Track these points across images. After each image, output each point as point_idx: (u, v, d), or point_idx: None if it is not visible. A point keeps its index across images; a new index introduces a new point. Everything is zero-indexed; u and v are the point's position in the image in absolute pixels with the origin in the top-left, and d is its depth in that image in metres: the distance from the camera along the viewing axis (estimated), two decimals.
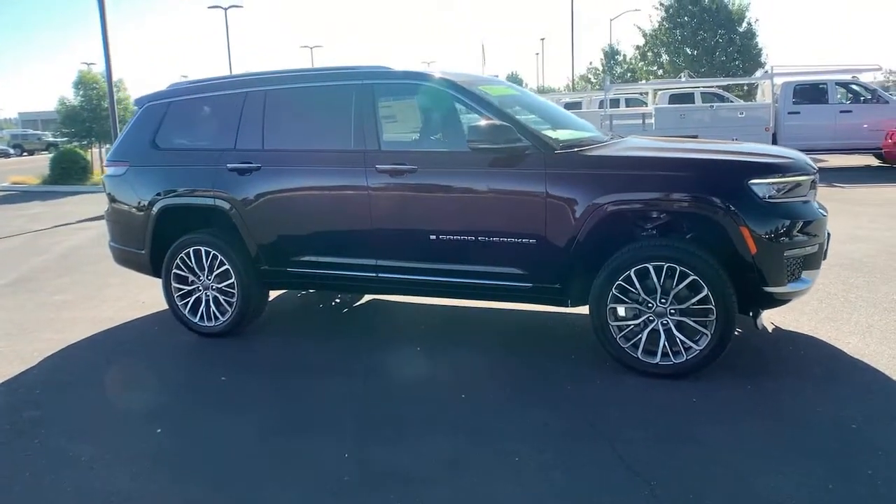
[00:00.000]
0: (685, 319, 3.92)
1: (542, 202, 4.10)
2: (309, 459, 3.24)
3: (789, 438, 3.26)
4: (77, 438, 3.55)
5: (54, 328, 5.55)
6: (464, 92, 4.48)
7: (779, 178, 3.87)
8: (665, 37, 36.51)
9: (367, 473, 3.09)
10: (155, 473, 3.18)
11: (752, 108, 17.61)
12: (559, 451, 3.23)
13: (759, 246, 3.76)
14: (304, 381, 4.22)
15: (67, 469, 3.24)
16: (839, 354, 4.31)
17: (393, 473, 3.08)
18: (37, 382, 4.38)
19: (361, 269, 4.66)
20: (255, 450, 3.36)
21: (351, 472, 3.10)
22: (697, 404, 3.68)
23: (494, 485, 2.96)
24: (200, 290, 5.06)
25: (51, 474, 3.20)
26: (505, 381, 4.10)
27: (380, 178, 4.46)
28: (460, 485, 2.97)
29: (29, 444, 3.50)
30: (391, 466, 3.14)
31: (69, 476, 3.17)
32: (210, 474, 3.16)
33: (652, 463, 3.07)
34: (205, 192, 4.97)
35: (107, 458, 3.33)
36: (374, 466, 3.15)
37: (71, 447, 3.45)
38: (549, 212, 4.09)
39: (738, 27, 36.04)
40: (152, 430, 3.61)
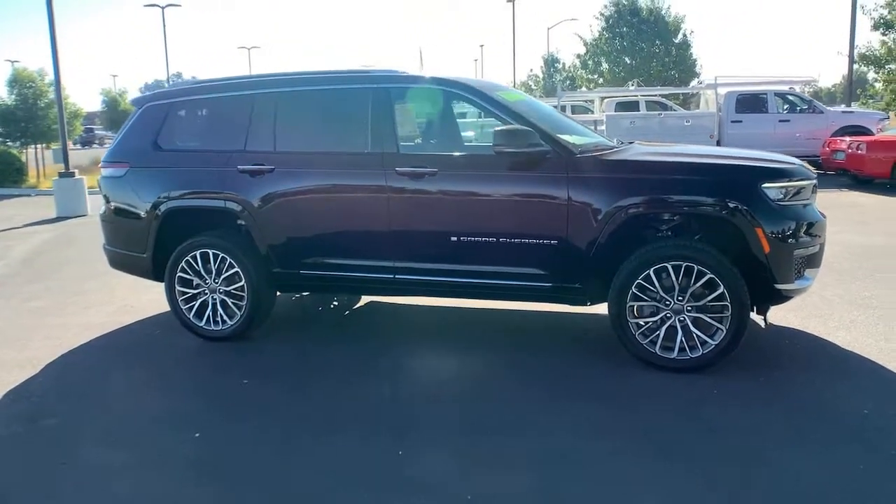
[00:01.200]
0: (702, 316, 4.12)
1: (564, 204, 4.24)
2: (361, 460, 3.26)
3: (814, 426, 3.49)
4: (112, 446, 3.47)
5: (43, 335, 5.35)
6: (483, 97, 4.58)
7: (787, 183, 4.12)
8: (605, 46, 37.49)
9: (431, 472, 3.14)
10: (205, 478, 3.14)
11: (697, 116, 18.34)
12: (611, 444, 3.36)
13: (772, 245, 4.00)
14: (329, 383, 4.22)
15: (113, 476, 3.16)
16: (832, 347, 4.61)
17: (456, 471, 3.14)
18: (46, 390, 4.23)
19: (379, 271, 4.69)
20: (300, 452, 3.36)
21: (412, 472, 3.14)
22: (718, 396, 3.88)
23: (567, 479, 3.05)
24: (207, 293, 4.98)
25: (97, 482, 3.12)
26: (530, 380, 4.20)
27: (400, 180, 4.50)
28: (527, 484, 3.05)
29: (60, 454, 3.39)
30: (457, 464, 3.20)
31: (118, 484, 3.10)
32: (260, 478, 3.13)
33: (696, 452, 3.24)
34: (214, 193, 4.90)
35: (152, 464, 3.27)
36: (434, 466, 3.20)
37: (108, 455, 3.37)
38: (571, 214, 4.23)
39: (675, 38, 37.36)
40: (188, 435, 3.55)
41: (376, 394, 4.05)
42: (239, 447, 3.42)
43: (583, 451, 3.27)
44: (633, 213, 4.15)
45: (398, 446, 3.35)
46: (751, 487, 2.92)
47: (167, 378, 4.45)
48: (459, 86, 4.65)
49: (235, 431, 3.59)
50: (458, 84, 4.65)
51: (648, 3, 36.69)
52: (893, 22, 19.72)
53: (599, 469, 3.11)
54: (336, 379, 4.28)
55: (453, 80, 4.69)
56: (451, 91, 4.68)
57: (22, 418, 3.81)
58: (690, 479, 3.00)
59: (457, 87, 4.65)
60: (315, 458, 3.29)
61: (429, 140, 5.11)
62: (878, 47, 20.50)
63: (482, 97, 4.59)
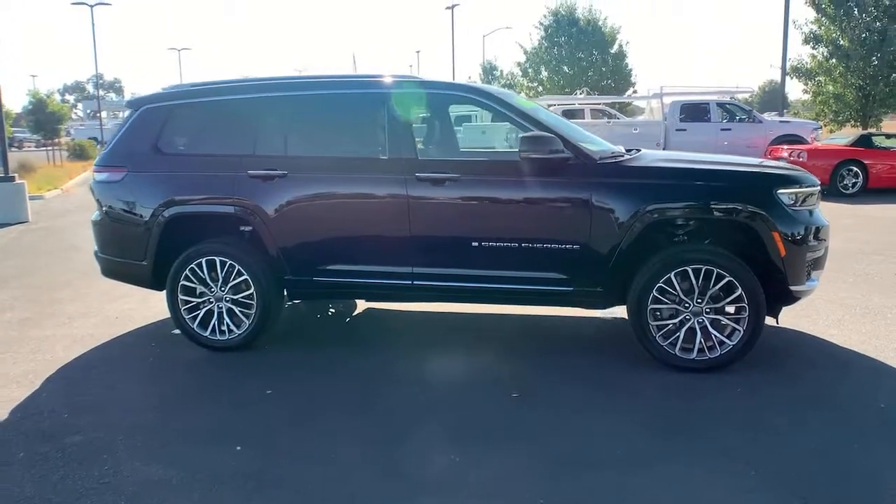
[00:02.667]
0: (720, 318, 4.27)
1: (587, 209, 4.32)
2: (421, 467, 3.24)
3: (843, 420, 3.67)
4: (151, 461, 3.32)
5: (30, 348, 5.07)
6: (502, 103, 4.62)
7: (798, 189, 4.33)
8: (545, 55, 38.24)
9: (496, 477, 3.14)
10: (264, 491, 3.05)
11: (645, 124, 18.97)
12: (655, 441, 3.44)
13: (788, 248, 4.19)
14: (357, 390, 4.17)
15: (164, 492, 3.04)
16: (829, 345, 4.86)
17: (522, 474, 3.16)
18: (56, 406, 4.00)
19: (396, 277, 4.66)
20: (352, 460, 3.30)
21: (476, 477, 3.14)
22: (743, 394, 4.03)
23: (624, 476, 3.11)
24: (212, 302, 4.83)
25: (150, 500, 2.98)
26: (556, 381, 4.26)
27: (420, 186, 4.49)
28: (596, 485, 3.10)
29: (99, 472, 3.22)
30: (523, 467, 3.22)
31: (175, 500, 2.97)
32: (324, 488, 3.07)
33: (739, 446, 3.36)
34: (223, 199, 4.75)
35: (202, 478, 3.15)
36: (497, 470, 3.20)
37: (152, 470, 3.23)
38: (593, 218, 4.32)
39: (611, 49, 38.45)
40: (228, 448, 3.44)
41: (411, 400, 4.02)
42: (286, 458, 3.33)
43: (641, 450, 3.34)
44: (656, 218, 4.27)
45: (452, 452, 3.34)
46: (829, 489, 3.05)
47: (183, 390, 4.30)
48: (478, 91, 4.68)
49: (277, 443, 3.50)
50: (477, 90, 4.69)
51: (586, 14, 37.67)
52: (823, 37, 20.94)
53: (666, 470, 3.19)
54: (362, 386, 4.23)
55: (472, 87, 4.71)
56: (470, 97, 4.70)
57: (42, 437, 3.60)
58: (760, 482, 3.11)
59: (475, 94, 4.68)
60: (372, 464, 3.25)
61: (448, 145, 5.11)
62: (809, 61, 21.71)
63: (501, 104, 4.63)
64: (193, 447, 3.48)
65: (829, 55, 21.54)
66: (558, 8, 37.71)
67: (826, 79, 21.82)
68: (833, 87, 21.67)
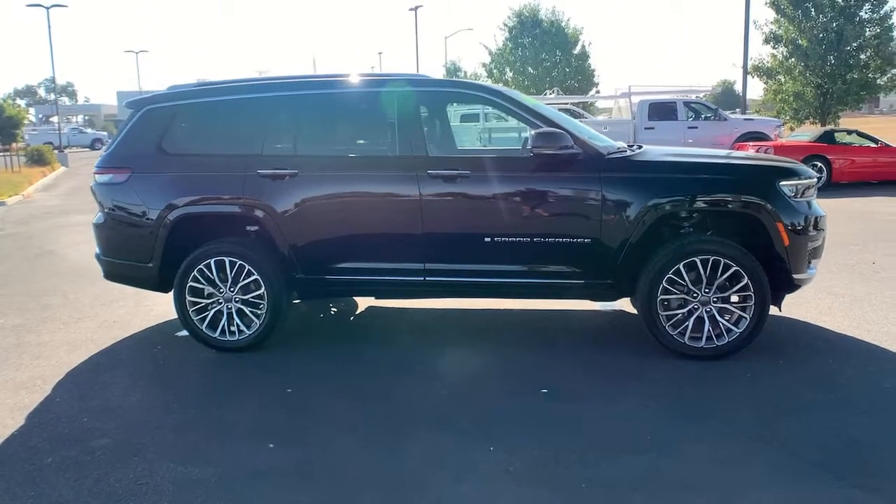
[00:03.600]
0: (727, 306, 4.41)
1: (598, 204, 4.42)
2: (457, 455, 3.29)
3: (852, 400, 3.84)
4: (185, 461, 3.30)
5: (32, 354, 4.96)
6: (511, 101, 4.70)
7: (798, 181, 4.49)
8: (510, 56, 38.60)
9: (534, 464, 3.21)
10: (306, 484, 3.07)
11: (615, 123, 19.28)
12: (681, 426, 3.55)
13: (791, 238, 4.35)
14: (375, 385, 4.20)
15: (205, 490, 3.03)
16: (825, 331, 5.06)
17: (559, 462, 3.23)
18: (74, 410, 3.94)
19: (408, 274, 4.69)
20: (388, 451, 3.34)
21: (515, 465, 3.20)
22: (753, 380, 4.17)
23: (659, 458, 3.21)
24: (221, 302, 4.79)
25: (192, 498, 2.97)
26: (573, 373, 4.35)
27: (432, 182, 4.54)
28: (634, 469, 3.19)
29: (134, 473, 3.20)
30: (559, 456, 3.29)
31: (217, 497, 2.97)
32: (364, 479, 3.10)
33: (760, 427, 3.48)
34: (233, 198, 4.73)
35: (240, 475, 3.15)
36: (534, 458, 3.27)
37: (188, 470, 3.21)
38: (604, 213, 4.42)
39: (574, 50, 39.01)
40: (261, 446, 3.44)
41: (434, 394, 4.06)
42: (320, 453, 3.35)
43: (673, 437, 3.45)
44: (665, 211, 4.39)
45: (487, 442, 3.40)
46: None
47: (199, 391, 4.26)
48: (487, 90, 4.75)
49: (308, 439, 3.51)
50: (486, 88, 4.75)
51: (549, 16, 38.16)
52: (782, 37, 21.58)
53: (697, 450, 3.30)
54: (381, 382, 4.26)
55: (481, 85, 4.78)
56: (479, 95, 4.77)
57: (67, 440, 3.54)
58: (789, 459, 3.24)
59: (484, 91, 4.75)
60: (409, 455, 3.29)
61: (458, 142, 5.16)
62: (769, 60, 22.35)
63: (511, 101, 4.72)
64: (224, 446, 3.47)
65: (789, 54, 22.23)
66: (522, 9, 38.09)
67: (786, 77, 22.50)
68: (793, 85, 22.36)
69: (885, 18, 21.48)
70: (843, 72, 21.49)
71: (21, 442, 3.55)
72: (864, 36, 21.45)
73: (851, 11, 21.19)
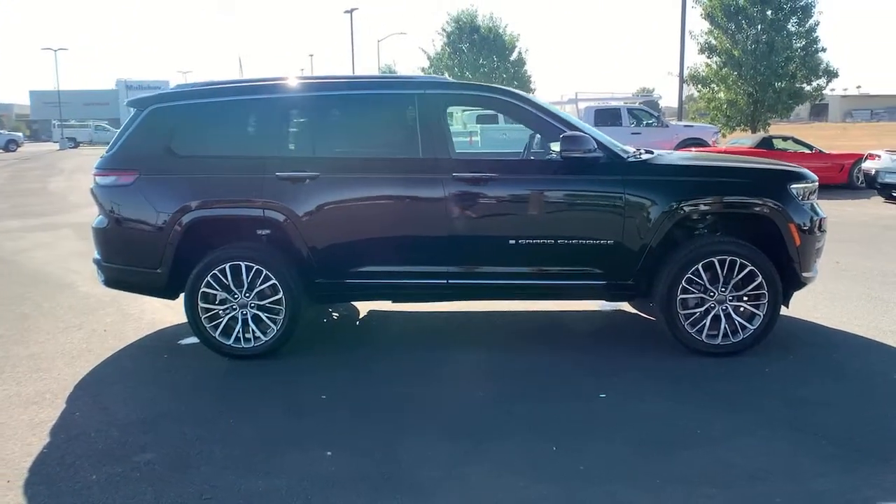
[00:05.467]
0: (742, 304, 4.60)
1: (621, 206, 4.53)
2: (521, 457, 3.30)
3: (868, 390, 4.07)
4: (245, 473, 3.18)
5: (28, 367, 4.67)
6: (532, 104, 4.76)
7: (805, 184, 4.73)
8: (448, 60, 38.85)
9: (594, 463, 3.26)
10: (381, 491, 3.02)
11: None
12: (724, 419, 3.68)
13: (802, 239, 4.58)
14: (413, 388, 4.16)
15: (280, 501, 2.94)
16: (820, 328, 5.34)
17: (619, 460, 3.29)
18: (101, 425, 3.73)
19: (431, 277, 4.67)
20: (450, 458, 3.32)
21: (584, 464, 3.24)
22: (773, 374, 4.37)
23: (716, 451, 3.31)
24: (236, 308, 4.64)
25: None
26: (604, 373, 4.44)
27: (458, 185, 4.54)
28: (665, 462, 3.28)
29: (195, 488, 3.06)
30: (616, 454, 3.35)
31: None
32: (436, 488, 3.08)
33: (796, 418, 3.66)
34: (251, 202, 4.59)
35: (309, 485, 3.07)
36: (596, 456, 3.32)
37: (251, 482, 3.10)
38: (627, 215, 4.54)
39: (510, 56, 39.61)
40: (318, 454, 3.36)
41: (471, 396, 4.06)
42: (382, 459, 3.30)
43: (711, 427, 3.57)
44: (685, 213, 4.54)
45: (545, 443, 3.43)
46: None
47: (227, 400, 4.11)
48: (508, 93, 4.79)
49: (362, 445, 3.45)
50: (507, 91, 4.79)
51: (487, 22, 38.58)
52: (717, 47, 22.56)
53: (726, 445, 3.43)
54: (414, 385, 4.23)
55: (502, 88, 4.81)
56: (500, 98, 4.80)
57: (106, 457, 3.36)
58: (832, 446, 3.40)
59: (505, 95, 4.78)
60: (476, 460, 3.28)
61: (479, 145, 5.17)
62: (704, 69, 23.34)
63: (532, 104, 4.77)
64: (279, 455, 3.36)
65: (723, 64, 23.29)
66: (460, 15, 38.41)
67: (721, 86, 23.56)
68: (727, 93, 23.44)
69: (811, 31, 22.83)
70: (773, 81, 22.68)
71: (57, 459, 3.34)
72: (791, 48, 22.70)
73: (780, 24, 22.40)
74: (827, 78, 23.27)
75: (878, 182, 13.95)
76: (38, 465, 3.30)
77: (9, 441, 3.55)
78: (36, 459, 3.35)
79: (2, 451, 3.44)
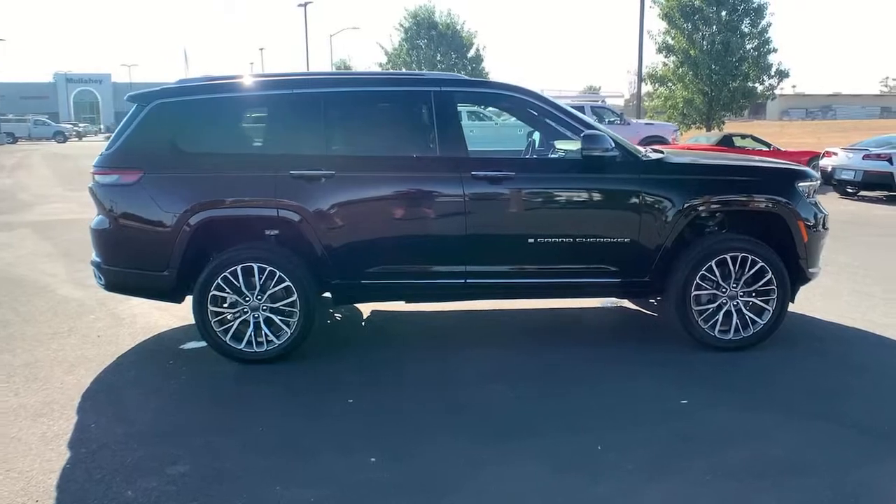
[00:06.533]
0: (752, 300, 4.69)
1: (638, 204, 4.57)
2: (570, 455, 3.29)
3: (882, 380, 4.21)
4: (290, 483, 3.08)
5: (24, 376, 4.43)
6: (547, 102, 4.75)
7: (810, 182, 4.85)
8: (406, 56, 38.67)
9: (650, 456, 3.27)
10: (444, 499, 2.96)
11: None
12: (756, 415, 3.74)
13: (809, 235, 4.70)
14: (441, 390, 4.11)
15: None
16: (817, 321, 5.49)
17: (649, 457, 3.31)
18: (121, 437, 3.55)
19: (449, 276, 4.62)
20: (501, 458, 3.29)
21: (626, 459, 3.25)
22: (785, 368, 4.47)
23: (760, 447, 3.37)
24: (247, 311, 4.50)
25: None
26: (622, 371, 4.47)
27: (477, 184, 4.49)
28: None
29: (242, 501, 2.95)
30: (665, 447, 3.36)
31: None
32: (489, 497, 3.04)
33: (823, 410, 3.75)
34: (264, 201, 4.45)
35: (363, 493, 2.99)
36: (646, 451, 3.33)
37: (299, 492, 3.01)
38: (644, 213, 4.57)
39: (468, 52, 39.67)
40: (362, 460, 3.28)
41: (502, 396, 4.04)
42: (431, 465, 3.25)
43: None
44: (701, 211, 4.61)
45: (588, 440, 3.43)
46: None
47: (247, 407, 3.97)
48: (524, 91, 4.76)
49: (405, 451, 3.39)
50: (522, 90, 4.77)
51: (445, 19, 38.55)
52: (674, 47, 23.04)
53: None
54: (442, 388, 4.18)
55: (516, 86, 4.79)
56: (515, 96, 4.78)
57: (136, 470, 3.20)
58: (868, 439, 3.49)
59: (521, 93, 4.76)
60: (528, 459, 3.26)
61: (496, 143, 5.13)
62: (661, 68, 23.82)
63: (545, 101, 4.76)
64: (321, 463, 3.27)
65: (680, 63, 23.81)
66: (418, 10, 38.27)
67: (678, 85, 24.10)
68: (684, 92, 23.99)
69: (763, 32, 23.54)
70: (727, 81, 23.32)
71: (84, 475, 3.17)
72: (744, 48, 23.38)
73: (734, 25, 23.03)
74: (778, 78, 24.13)
75: (835, 178, 14.47)
76: (65, 482, 3.13)
77: (25, 457, 3.36)
78: (61, 476, 3.18)
79: (21, 468, 3.25)
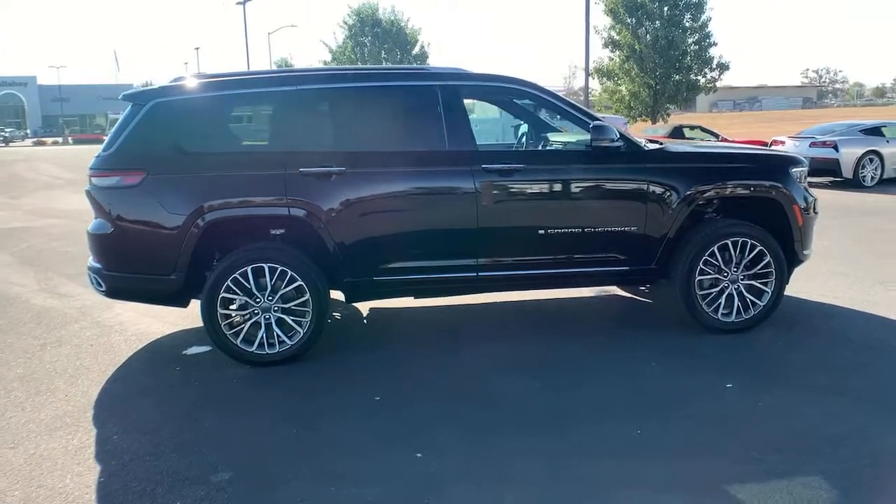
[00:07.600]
0: (752, 282, 4.85)
1: (644, 193, 4.67)
2: (609, 443, 3.35)
3: (882, 356, 4.42)
4: (343, 483, 3.04)
5: (24, 390, 4.22)
6: (550, 94, 4.80)
7: (800, 168, 5.05)
8: (350, 53, 38.33)
9: (689, 441, 3.35)
10: (490, 487, 2.97)
11: (484, 121, 19.91)
12: (772, 392, 3.88)
13: (804, 219, 4.89)
14: (468, 384, 4.11)
15: None
16: (808, 301, 5.70)
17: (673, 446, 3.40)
18: (150, 446, 3.43)
19: (461, 270, 4.63)
20: (543, 450, 3.32)
21: (665, 443, 3.33)
22: (787, 348, 4.65)
23: (786, 421, 3.49)
24: (258, 313, 4.40)
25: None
26: (639, 357, 4.56)
27: (488, 177, 4.51)
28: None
29: (297, 502, 2.90)
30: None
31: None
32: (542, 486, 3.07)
33: (829, 384, 3.92)
34: (275, 200, 4.35)
35: (421, 490, 2.97)
36: (684, 435, 3.41)
37: (356, 491, 2.97)
38: (650, 201, 4.68)
39: (412, 49, 39.61)
40: (408, 456, 3.26)
41: (529, 387, 4.07)
42: (475, 458, 3.25)
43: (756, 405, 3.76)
44: (706, 197, 4.74)
45: (625, 428, 3.49)
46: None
47: (271, 410, 3.87)
48: (529, 84, 4.80)
49: (447, 446, 3.37)
50: (527, 83, 4.80)
51: (389, 16, 38.36)
52: (620, 42, 23.54)
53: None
54: (468, 382, 4.18)
55: (522, 80, 4.82)
56: (520, 89, 4.81)
57: (178, 480, 3.09)
58: (888, 413, 3.66)
59: (526, 86, 4.79)
60: (572, 451, 3.30)
61: (503, 137, 5.15)
62: (608, 63, 24.31)
63: (549, 94, 4.81)
64: (370, 462, 3.23)
65: (626, 57, 24.37)
66: (361, 8, 37.97)
67: (625, 79, 24.66)
68: (630, 86, 24.56)
69: (703, 27, 24.30)
70: (671, 74, 23.99)
71: (122, 488, 3.05)
72: (686, 42, 24.09)
73: (677, 19, 23.71)
74: (720, 70, 24.97)
75: None
76: (105, 497, 3.00)
77: (53, 473, 3.21)
78: (98, 491, 3.05)
79: (51, 484, 3.11)
